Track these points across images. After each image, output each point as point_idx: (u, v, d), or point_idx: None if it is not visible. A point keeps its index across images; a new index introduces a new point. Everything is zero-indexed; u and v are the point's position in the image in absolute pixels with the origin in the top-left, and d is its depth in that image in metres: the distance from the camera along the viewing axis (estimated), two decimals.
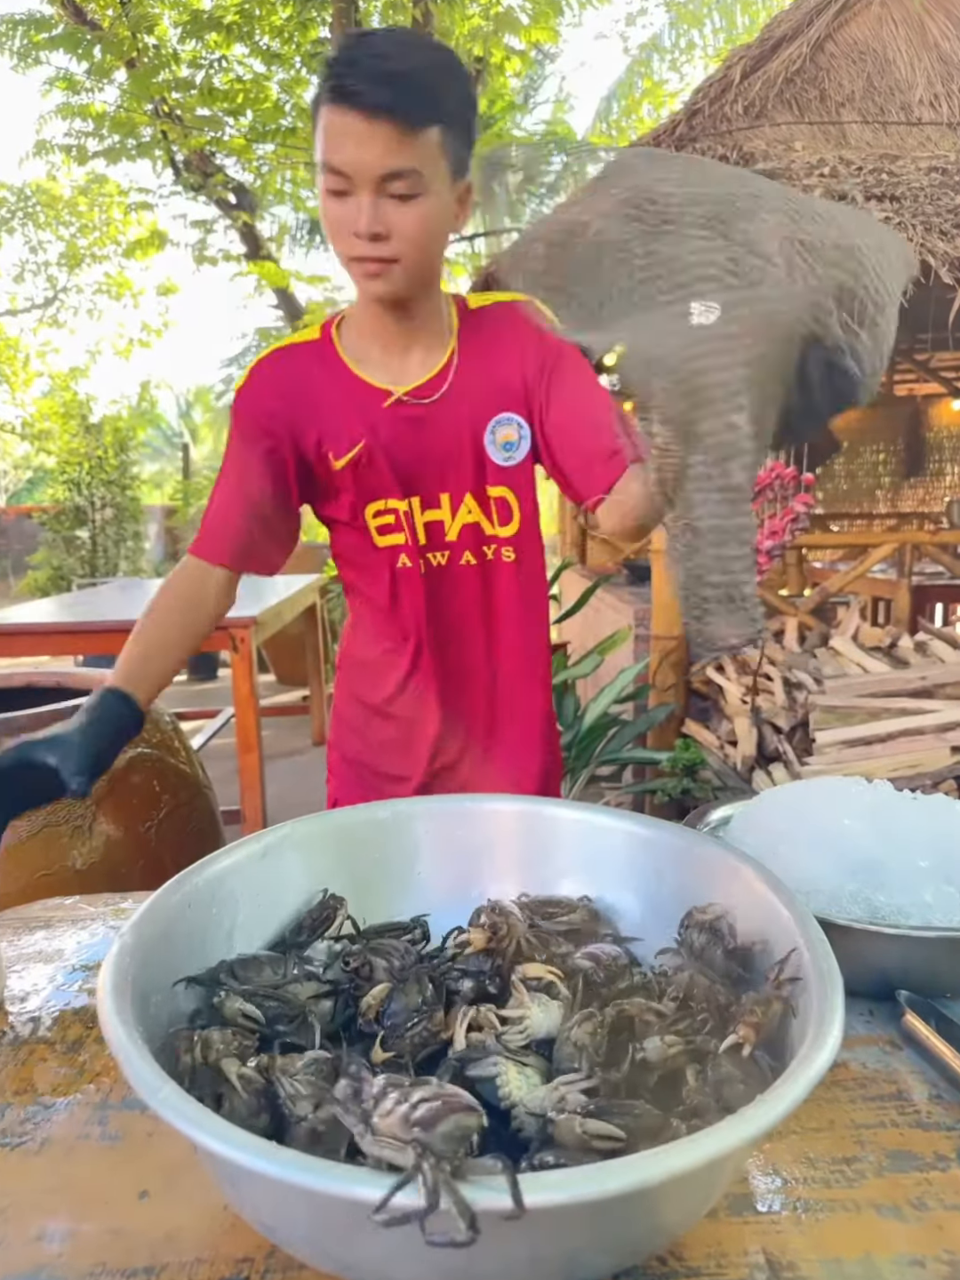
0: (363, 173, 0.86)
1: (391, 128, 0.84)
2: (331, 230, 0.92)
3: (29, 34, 5.08)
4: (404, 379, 1.04)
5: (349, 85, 0.84)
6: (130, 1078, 0.42)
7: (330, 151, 0.87)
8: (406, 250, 0.91)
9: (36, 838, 1.21)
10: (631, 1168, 0.37)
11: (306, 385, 1.04)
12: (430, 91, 0.86)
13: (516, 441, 1.07)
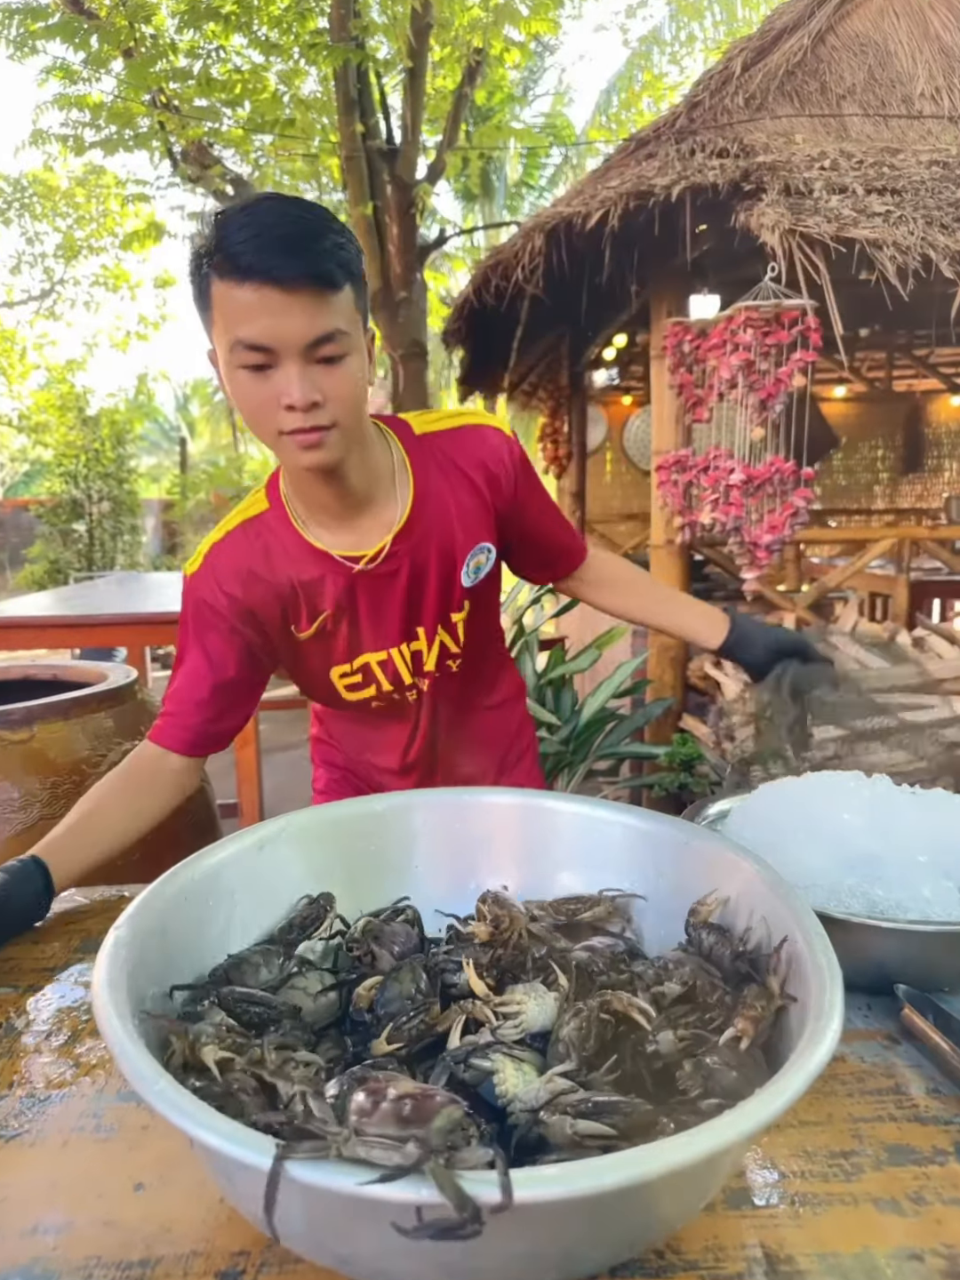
0: (289, 343, 0.82)
1: (312, 294, 0.80)
2: (254, 409, 0.86)
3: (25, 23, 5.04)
4: (367, 540, 1.00)
5: (258, 260, 0.79)
6: (126, 1071, 0.42)
7: (243, 328, 0.81)
8: (342, 414, 0.87)
9: (33, 830, 1.21)
10: (629, 1162, 0.37)
11: (265, 566, 1.00)
12: (337, 251, 0.82)
13: (485, 565, 1.07)
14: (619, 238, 3.11)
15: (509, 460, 1.05)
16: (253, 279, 0.79)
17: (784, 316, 2.91)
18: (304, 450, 0.88)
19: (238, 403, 0.88)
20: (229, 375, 0.86)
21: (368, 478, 0.98)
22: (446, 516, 1.02)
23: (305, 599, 1.01)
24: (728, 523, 3.12)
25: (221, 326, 0.83)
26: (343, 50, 4.49)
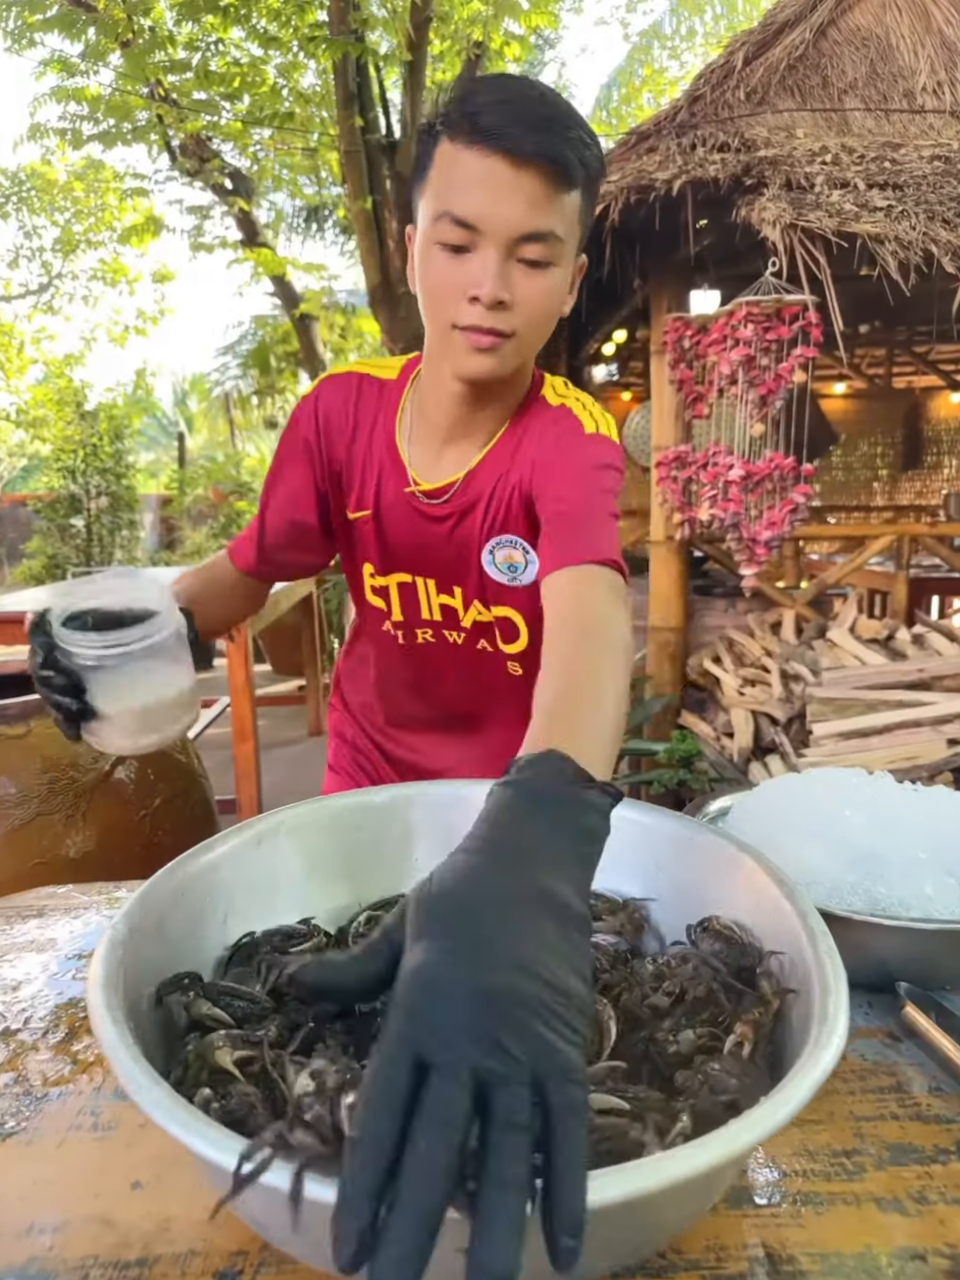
0: (499, 229, 0.73)
1: (541, 181, 0.72)
2: (436, 291, 0.78)
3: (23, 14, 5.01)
4: (435, 470, 0.95)
5: (497, 124, 0.70)
6: (120, 1076, 0.42)
7: (457, 198, 0.73)
8: (526, 326, 0.78)
9: (30, 825, 1.20)
10: (631, 1176, 0.36)
11: (360, 427, 0.96)
12: (582, 146, 0.74)
13: (523, 565, 0.95)
14: (619, 232, 3.10)
15: (574, 456, 0.90)
16: (485, 143, 0.71)
17: (785, 312, 2.90)
18: (472, 352, 0.79)
19: (422, 285, 0.79)
20: (424, 252, 0.78)
21: (491, 412, 0.91)
22: (498, 489, 0.93)
23: (363, 485, 0.97)
24: (727, 519, 3.11)
25: (433, 194, 0.75)
26: (342, 44, 4.47)
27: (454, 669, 1.08)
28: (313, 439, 0.97)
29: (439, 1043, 0.32)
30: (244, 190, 6.19)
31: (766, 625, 3.59)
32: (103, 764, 1.31)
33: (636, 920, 0.66)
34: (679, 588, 3.70)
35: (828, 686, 2.85)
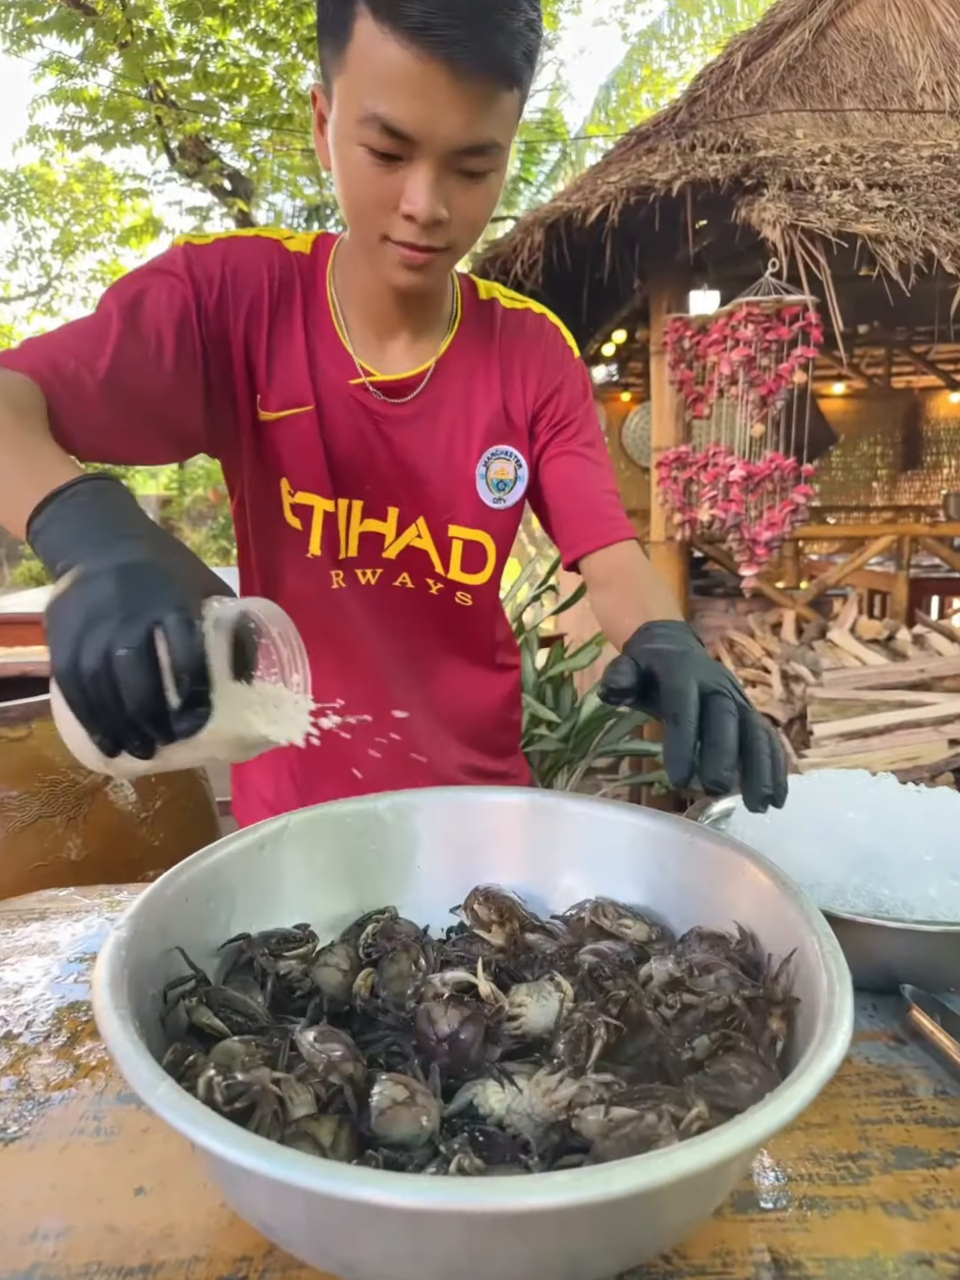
0: (437, 142, 0.66)
1: (484, 88, 0.64)
2: (363, 201, 0.71)
3: (22, 16, 5.02)
4: (383, 363, 0.86)
5: (438, 29, 0.60)
6: (127, 1074, 0.42)
7: (387, 102, 0.64)
8: (462, 238, 0.73)
9: (31, 828, 1.20)
10: (638, 1169, 0.36)
11: (272, 296, 0.82)
12: (527, 34, 0.64)
13: (511, 481, 0.90)
14: (619, 233, 3.11)
15: (570, 372, 0.90)
16: (421, 44, 0.61)
17: (785, 312, 2.90)
18: (405, 269, 0.74)
19: (343, 185, 0.72)
20: (343, 145, 0.69)
21: (430, 309, 0.85)
22: (476, 392, 0.87)
23: (288, 376, 0.83)
24: (727, 519, 3.12)
25: (354, 82, 0.65)
26: None
27: (390, 613, 0.93)
28: (209, 302, 0.79)
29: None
30: (243, 191, 6.20)
31: (767, 626, 3.59)
32: None
33: (661, 934, 0.65)
34: (679, 588, 3.70)
35: (828, 687, 2.85)
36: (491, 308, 0.92)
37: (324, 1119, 0.46)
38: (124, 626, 0.45)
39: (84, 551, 0.50)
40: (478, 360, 0.89)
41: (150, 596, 0.46)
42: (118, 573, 0.47)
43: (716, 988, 0.53)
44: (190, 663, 0.45)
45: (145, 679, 0.45)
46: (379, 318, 0.86)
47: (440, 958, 0.62)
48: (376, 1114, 0.46)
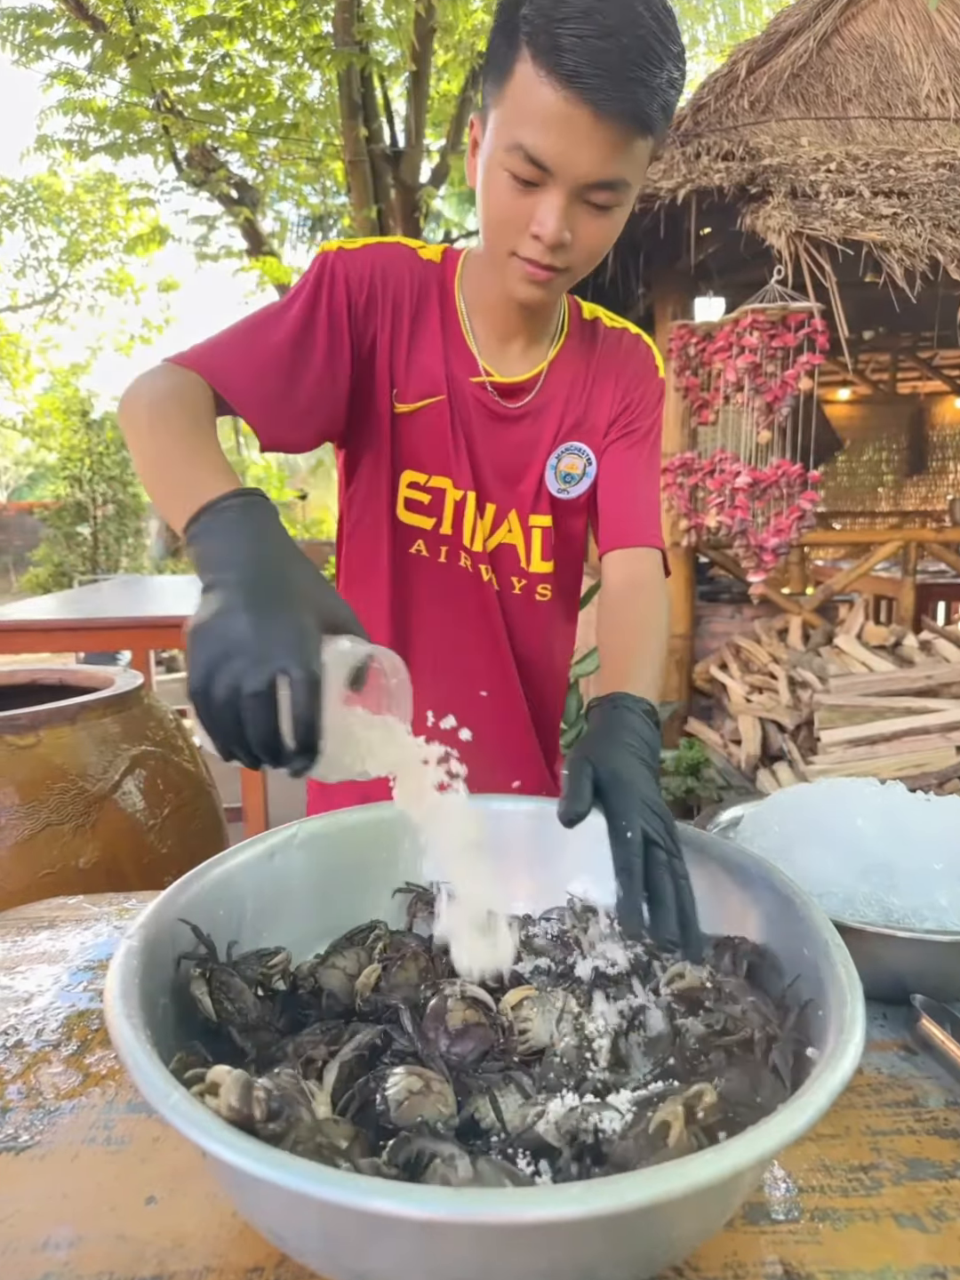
0: (571, 175, 0.73)
1: (621, 132, 0.71)
2: (500, 219, 0.79)
3: (30, 28, 5.06)
4: (501, 365, 0.94)
5: (586, 72, 0.68)
6: (139, 1083, 0.42)
7: (533, 134, 0.72)
8: (580, 264, 0.81)
9: (40, 836, 1.20)
10: (650, 1181, 0.36)
11: (411, 303, 0.91)
12: (668, 89, 0.72)
13: (579, 476, 0.99)
14: (624, 240, 3.11)
15: (650, 388, 0.99)
16: (571, 88, 0.69)
17: (790, 319, 2.91)
18: (527, 283, 0.82)
19: (485, 202, 0.80)
20: (490, 169, 0.78)
21: (545, 322, 0.94)
22: (571, 401, 0.96)
23: (422, 371, 0.91)
24: (734, 525, 3.12)
25: (508, 115, 0.74)
26: (346, 55, 4.50)
27: (476, 609, 1.00)
28: (360, 303, 0.88)
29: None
30: (249, 200, 6.24)
31: (773, 631, 3.59)
32: (111, 774, 1.31)
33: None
34: (685, 594, 3.70)
35: (835, 693, 2.84)
36: (594, 326, 1.01)
37: (341, 1122, 0.46)
38: (254, 669, 0.50)
39: (229, 575, 0.55)
40: (578, 370, 0.98)
41: (280, 642, 0.51)
42: (255, 610, 0.52)
43: (742, 1019, 0.53)
44: (306, 717, 0.50)
45: (265, 720, 0.50)
46: (499, 325, 0.94)
47: (448, 965, 0.62)
48: (395, 1105, 0.46)
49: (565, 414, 0.97)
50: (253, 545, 0.59)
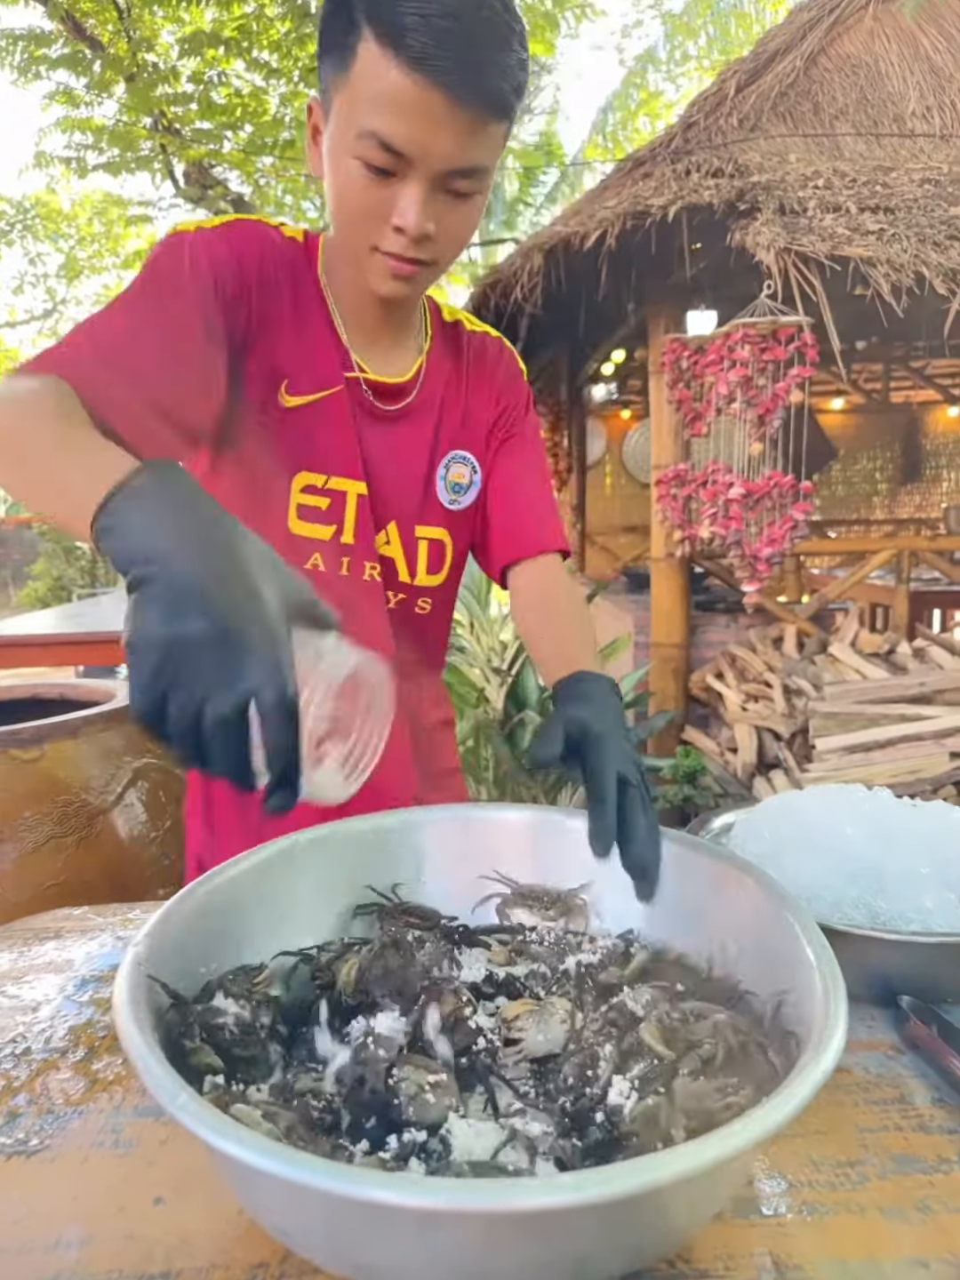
0: (430, 162, 0.70)
1: (476, 119, 0.69)
2: (356, 212, 0.74)
3: (29, 49, 5.13)
4: (371, 364, 0.88)
5: (438, 60, 0.65)
6: (149, 1085, 0.43)
7: (385, 121, 0.68)
8: (445, 254, 0.78)
9: (44, 849, 1.22)
10: (641, 1169, 0.38)
11: (286, 285, 0.84)
12: (518, 70, 0.69)
13: (466, 485, 0.96)
14: (616, 256, 3.16)
15: (521, 391, 0.99)
16: (421, 72, 0.66)
17: (780, 333, 2.95)
18: (392, 278, 0.78)
19: (336, 195, 0.75)
20: (337, 158, 0.73)
21: (407, 319, 0.90)
22: (447, 407, 0.93)
23: (306, 360, 0.84)
24: (728, 536, 3.14)
25: (355, 99, 0.69)
26: None
27: (376, 612, 0.92)
28: (229, 289, 0.79)
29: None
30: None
31: (768, 640, 3.61)
32: (114, 787, 1.33)
33: (576, 906, 0.69)
34: (680, 604, 3.72)
35: (830, 701, 2.86)
36: (457, 329, 0.98)
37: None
38: (218, 692, 0.41)
39: (163, 566, 0.44)
40: (450, 375, 0.95)
41: (245, 650, 0.42)
42: (206, 606, 0.42)
43: (714, 1033, 0.53)
44: (285, 744, 0.42)
45: (234, 751, 0.42)
46: (365, 321, 0.89)
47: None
48: (407, 1100, 0.48)
49: (444, 419, 0.93)
50: (185, 521, 0.46)
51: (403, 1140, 0.47)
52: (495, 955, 0.67)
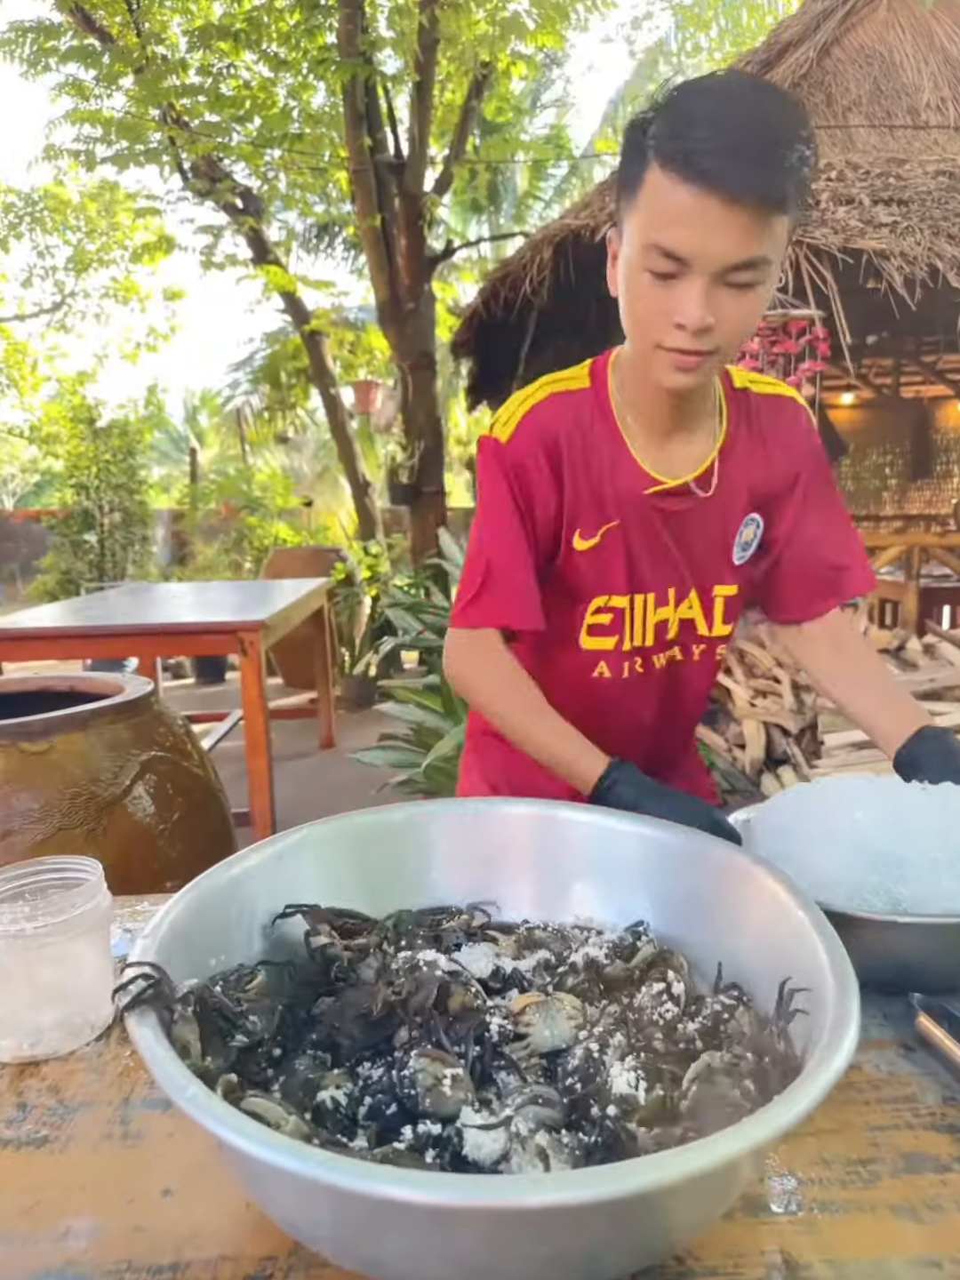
0: (708, 262, 0.76)
1: (753, 215, 0.73)
2: (643, 316, 0.82)
3: (38, 41, 5.12)
4: (670, 467, 0.96)
5: (710, 163, 0.71)
6: (158, 1078, 0.43)
7: (666, 234, 0.76)
8: (727, 343, 0.82)
9: (51, 840, 1.22)
10: (651, 1167, 0.38)
11: (577, 444, 0.94)
12: (799, 168, 0.74)
13: (752, 541, 1.02)
14: None
15: (815, 450, 1.02)
16: (701, 183, 0.72)
17: (791, 326, 2.92)
18: (676, 370, 0.83)
19: (628, 306, 0.84)
20: (631, 272, 0.81)
21: (699, 406, 0.95)
22: (743, 478, 0.98)
23: (596, 502, 0.94)
24: None
25: (642, 220, 0.78)
26: (350, 65, 4.54)
27: (656, 696, 1.05)
28: (545, 466, 0.93)
29: None
30: (254, 209, 6.28)
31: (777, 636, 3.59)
32: (122, 779, 1.33)
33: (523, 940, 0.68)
34: None
35: None
36: (746, 396, 1.01)
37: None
38: None
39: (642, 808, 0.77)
40: (746, 447, 0.99)
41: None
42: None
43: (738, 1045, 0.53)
44: None
45: None
46: (658, 422, 0.95)
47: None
48: (424, 1092, 0.48)
49: (741, 492, 0.98)
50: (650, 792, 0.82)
51: (418, 1132, 0.47)
52: (504, 948, 0.67)
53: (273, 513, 8.55)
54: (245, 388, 12.11)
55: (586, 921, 0.71)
